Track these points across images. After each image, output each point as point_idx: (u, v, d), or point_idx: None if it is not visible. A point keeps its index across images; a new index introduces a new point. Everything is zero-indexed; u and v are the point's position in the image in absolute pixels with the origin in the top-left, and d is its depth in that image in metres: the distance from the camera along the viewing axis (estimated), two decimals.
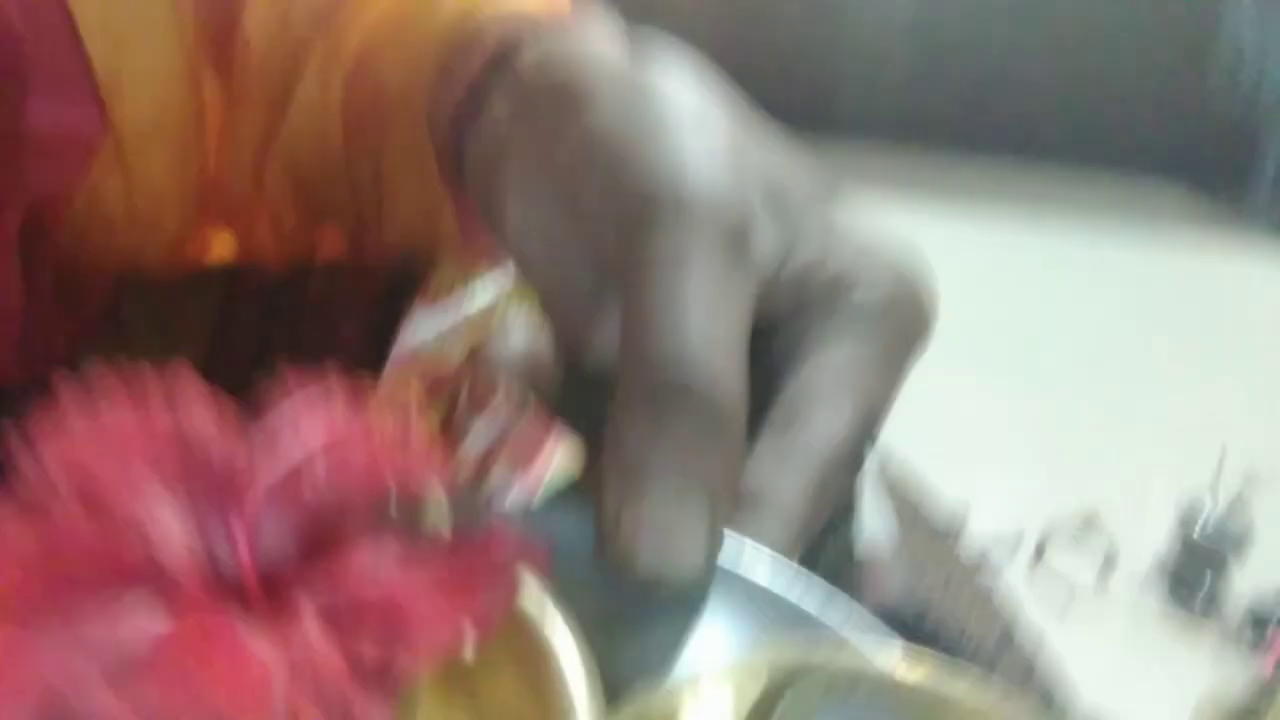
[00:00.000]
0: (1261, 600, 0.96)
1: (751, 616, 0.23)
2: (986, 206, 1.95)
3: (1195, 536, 0.98)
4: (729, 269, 0.25)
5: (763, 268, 0.27)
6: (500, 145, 0.32)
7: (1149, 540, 1.06)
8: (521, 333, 0.26)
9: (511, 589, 0.15)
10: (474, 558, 0.16)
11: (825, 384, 0.26)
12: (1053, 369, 1.58)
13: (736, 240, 0.25)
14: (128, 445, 0.17)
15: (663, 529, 0.23)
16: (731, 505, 0.24)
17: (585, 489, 0.27)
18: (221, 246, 0.44)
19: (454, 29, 0.36)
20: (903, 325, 0.27)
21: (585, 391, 0.28)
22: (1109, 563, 0.90)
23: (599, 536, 0.24)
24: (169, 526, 0.16)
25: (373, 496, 0.17)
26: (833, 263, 0.28)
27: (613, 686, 0.20)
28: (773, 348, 0.28)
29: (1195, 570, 1.03)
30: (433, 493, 0.18)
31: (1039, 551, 1.11)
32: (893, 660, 0.21)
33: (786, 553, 0.24)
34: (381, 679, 0.14)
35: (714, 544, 0.23)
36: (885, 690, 0.20)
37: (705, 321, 0.24)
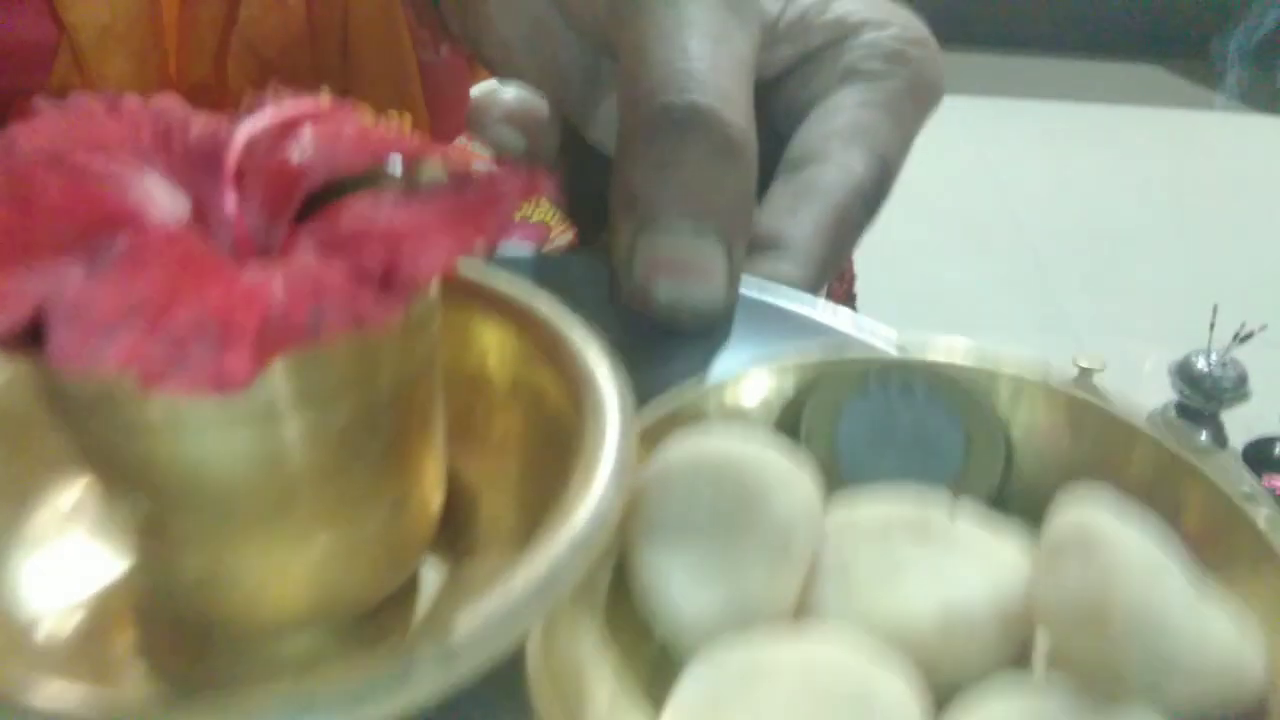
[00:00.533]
0: (1257, 446, 0.95)
1: (776, 343, 0.22)
2: (971, 95, 1.94)
3: (1190, 393, 0.97)
4: (729, 4, 0.24)
5: (764, 11, 0.26)
6: None
7: (1144, 399, 1.06)
8: (515, 90, 0.25)
9: (517, 209, 0.14)
10: (477, 190, 0.15)
11: (837, 128, 0.25)
12: (1043, 243, 1.57)
13: None
14: (103, 125, 0.16)
15: (679, 261, 0.22)
16: (747, 235, 0.23)
17: (588, 251, 0.26)
18: None
19: None
20: (912, 71, 0.26)
21: (583, 164, 0.27)
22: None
23: (612, 277, 0.23)
24: (147, 182, 0.15)
25: (367, 161, 0.16)
26: (836, 9, 0.26)
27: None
28: (779, 99, 0.27)
29: (1191, 427, 1.02)
30: (430, 160, 0.16)
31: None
32: (923, 354, 0.20)
33: (808, 294, 0.23)
34: (388, 287, 0.13)
35: (732, 274, 0.22)
36: (918, 377, 0.19)
37: (709, 47, 0.23)
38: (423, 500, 0.17)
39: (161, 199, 0.15)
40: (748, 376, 0.19)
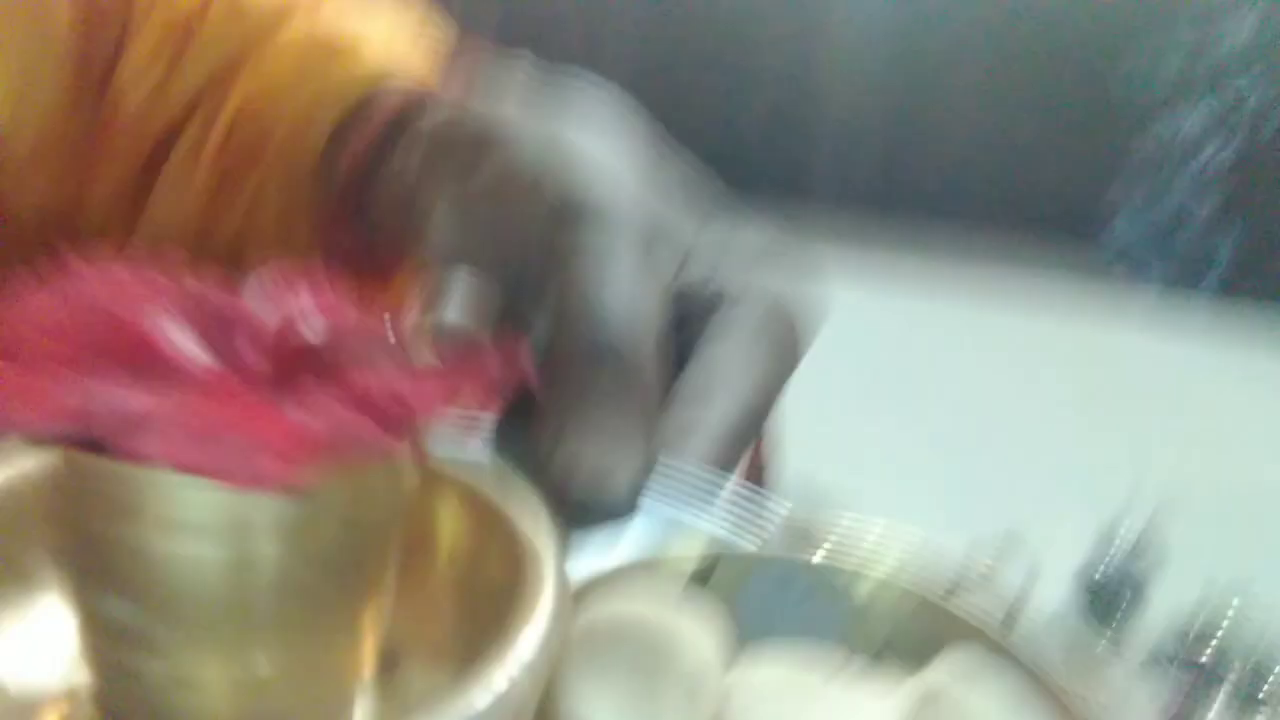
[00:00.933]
0: (1170, 636, 0.98)
1: (688, 512, 0.25)
2: (896, 259, 2.08)
3: (1110, 563, 1.00)
4: (643, 261, 0.29)
5: (682, 239, 0.31)
6: (414, 182, 0.35)
7: (1066, 567, 1.08)
8: (458, 307, 0.29)
9: (501, 378, 0.17)
10: (463, 359, 0.18)
11: (739, 342, 0.30)
12: (965, 412, 1.64)
13: (647, 243, 0.29)
14: (131, 284, 0.19)
15: (593, 459, 0.25)
16: (653, 447, 0.27)
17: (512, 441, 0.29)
18: None
19: (352, 94, 0.40)
20: (783, 329, 0.31)
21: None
22: (1025, 592, 0.90)
23: (536, 468, 0.26)
24: (174, 330, 0.17)
25: (364, 333, 0.19)
26: (721, 285, 0.32)
27: None
28: (690, 305, 0.31)
29: (1111, 597, 1.05)
30: (417, 331, 0.20)
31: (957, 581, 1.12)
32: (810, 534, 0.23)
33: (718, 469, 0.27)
34: (391, 423, 0.16)
35: (638, 473, 0.26)
36: (800, 566, 0.22)
37: (627, 294, 0.28)
38: (357, 649, 0.18)
39: (188, 345, 0.17)
40: (666, 548, 0.22)
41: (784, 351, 0.31)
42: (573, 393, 0.26)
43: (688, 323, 0.31)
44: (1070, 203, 2.37)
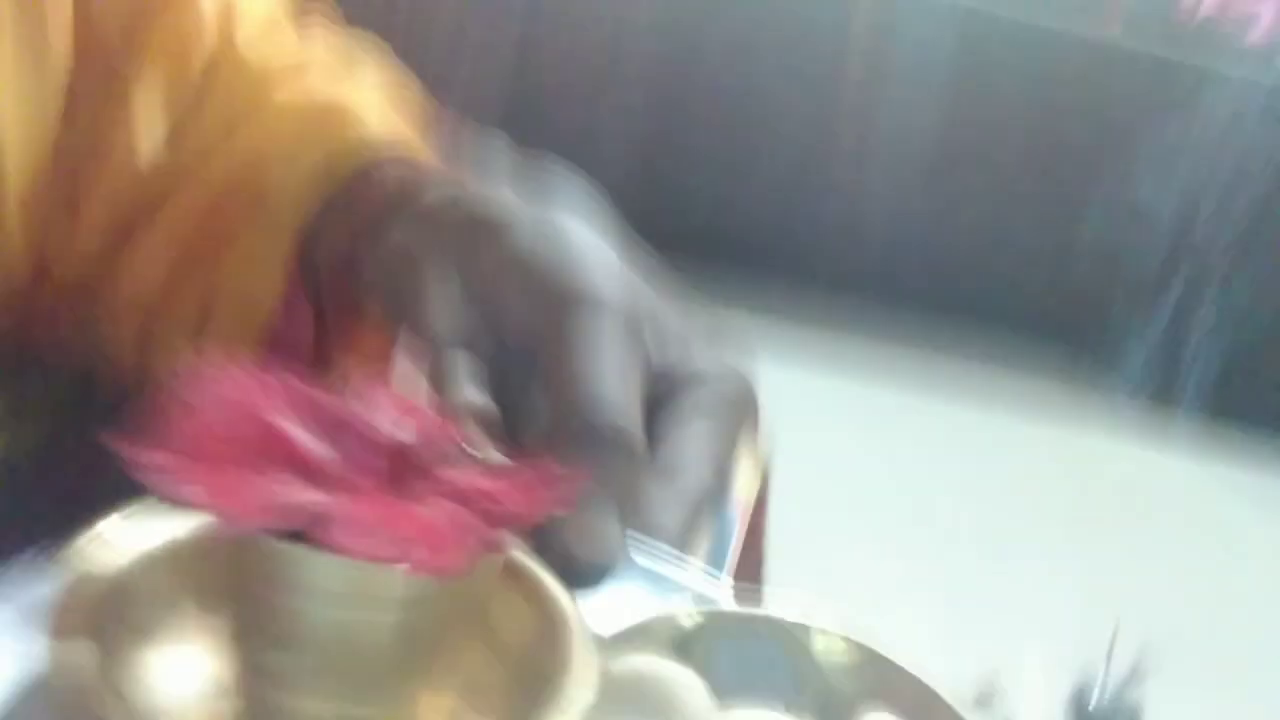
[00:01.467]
0: None
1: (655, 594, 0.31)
2: (885, 388, 2.10)
3: (1089, 709, 1.01)
4: (631, 346, 0.34)
5: (649, 354, 0.36)
6: (413, 261, 0.39)
7: (1043, 714, 1.10)
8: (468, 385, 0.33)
9: (565, 494, 0.22)
10: (531, 471, 0.23)
11: (691, 445, 0.35)
12: (948, 547, 1.68)
13: (634, 330, 0.35)
14: (263, 388, 0.23)
15: (592, 530, 0.30)
16: (634, 511, 0.32)
17: None
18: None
19: (351, 161, 0.43)
20: (739, 411, 0.37)
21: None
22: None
23: (540, 541, 0.31)
24: (308, 434, 0.22)
25: (445, 436, 0.24)
26: (690, 364, 0.38)
27: None
28: (659, 400, 0.37)
29: None
30: (487, 445, 0.25)
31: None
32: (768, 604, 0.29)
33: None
34: (498, 522, 0.21)
35: (623, 535, 0.31)
36: (767, 623, 0.28)
37: (619, 378, 0.33)
38: (441, 698, 0.23)
39: (319, 447, 0.22)
40: (661, 619, 0.28)
41: (747, 421, 0.37)
42: (574, 465, 0.31)
43: (666, 398, 0.37)
44: (1062, 312, 2.41)
